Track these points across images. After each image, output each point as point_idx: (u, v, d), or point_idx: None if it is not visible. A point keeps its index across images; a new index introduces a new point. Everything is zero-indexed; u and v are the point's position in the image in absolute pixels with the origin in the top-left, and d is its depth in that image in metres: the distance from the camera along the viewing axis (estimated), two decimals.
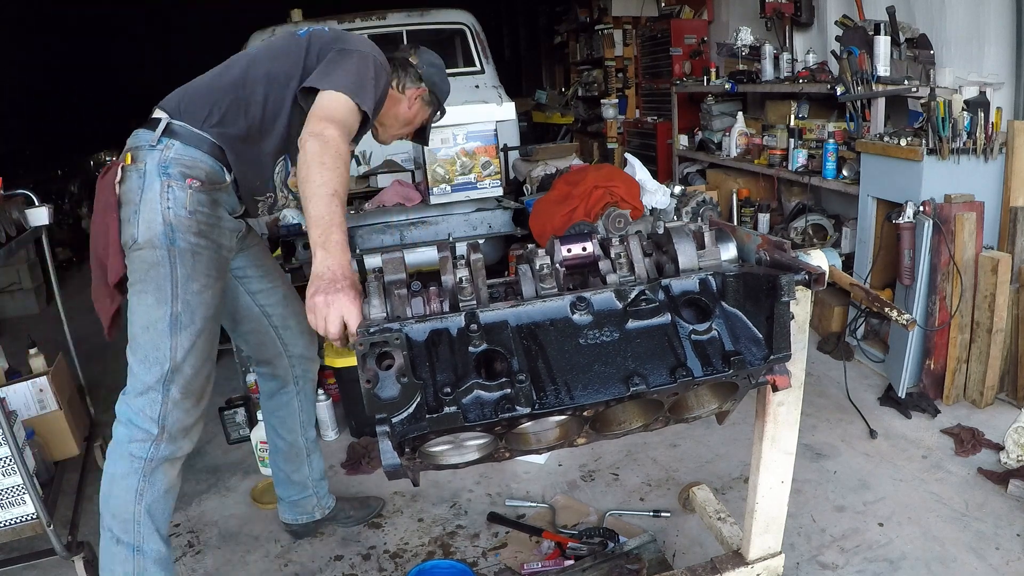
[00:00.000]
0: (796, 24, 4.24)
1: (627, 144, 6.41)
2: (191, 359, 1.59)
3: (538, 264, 1.21)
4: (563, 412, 1.11)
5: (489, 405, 1.06)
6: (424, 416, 1.05)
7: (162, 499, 1.62)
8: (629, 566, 1.84)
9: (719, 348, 1.15)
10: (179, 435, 1.61)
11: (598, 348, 1.12)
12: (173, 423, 1.59)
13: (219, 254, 1.64)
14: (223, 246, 1.66)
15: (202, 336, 1.61)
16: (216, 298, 1.64)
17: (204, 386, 1.66)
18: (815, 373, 3.04)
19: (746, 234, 1.33)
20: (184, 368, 1.59)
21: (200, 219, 1.58)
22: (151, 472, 1.58)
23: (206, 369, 1.65)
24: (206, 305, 1.60)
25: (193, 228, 1.56)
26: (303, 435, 2.13)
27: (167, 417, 1.58)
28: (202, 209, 1.58)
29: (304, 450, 2.14)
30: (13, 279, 4.88)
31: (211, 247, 1.61)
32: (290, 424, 2.11)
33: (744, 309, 1.18)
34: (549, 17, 9.20)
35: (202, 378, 1.64)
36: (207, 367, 1.65)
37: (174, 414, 1.59)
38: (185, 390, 1.59)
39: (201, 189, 1.57)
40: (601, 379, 1.10)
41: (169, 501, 1.65)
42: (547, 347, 1.12)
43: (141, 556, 1.58)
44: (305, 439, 2.13)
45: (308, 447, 2.15)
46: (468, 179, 3.10)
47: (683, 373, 1.10)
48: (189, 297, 1.57)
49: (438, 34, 4.78)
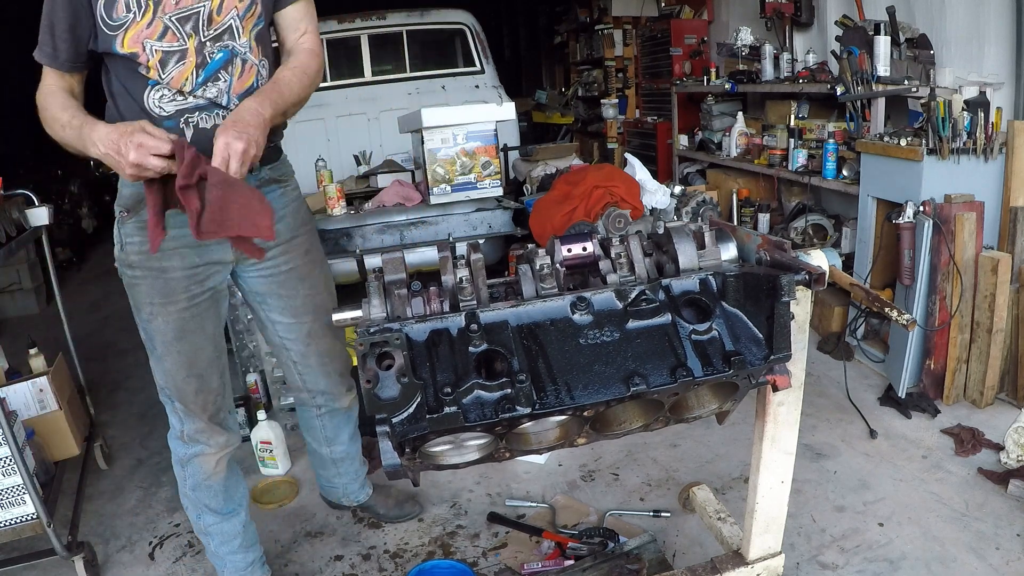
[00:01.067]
0: (796, 24, 4.23)
1: (627, 144, 6.41)
2: (170, 379, 1.67)
3: (538, 264, 1.21)
4: (563, 412, 1.11)
5: (489, 405, 1.06)
6: (424, 416, 1.05)
7: (203, 485, 1.79)
8: (629, 566, 1.84)
9: (719, 348, 1.15)
10: (196, 436, 1.73)
11: (598, 348, 1.12)
12: (186, 428, 1.73)
13: (162, 278, 1.60)
14: (168, 268, 1.60)
15: (168, 358, 1.65)
16: (171, 323, 1.62)
17: (197, 398, 1.68)
18: (815, 373, 3.04)
19: (746, 234, 1.33)
20: (167, 386, 1.69)
21: (131, 250, 1.59)
22: (186, 463, 1.77)
23: (192, 384, 1.67)
24: (160, 331, 1.63)
25: (125, 260, 1.60)
26: (327, 447, 2.13)
27: (181, 422, 1.73)
28: (131, 239, 1.58)
29: (329, 460, 2.16)
30: (13, 279, 4.88)
31: (149, 275, 1.59)
32: (314, 435, 2.13)
33: (744, 309, 1.18)
34: (549, 17, 9.19)
35: (190, 392, 1.67)
36: (192, 382, 1.67)
37: (184, 421, 1.72)
38: (181, 401, 1.69)
39: (128, 218, 1.58)
40: (601, 379, 1.10)
41: (214, 486, 1.80)
42: (547, 347, 1.12)
43: (200, 522, 1.86)
44: (330, 451, 2.14)
45: (334, 458, 2.16)
46: (468, 179, 3.10)
47: (683, 373, 1.10)
48: (144, 325, 1.65)
49: (438, 34, 4.78)
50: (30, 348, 2.58)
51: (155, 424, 3.09)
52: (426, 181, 3.11)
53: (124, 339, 4.30)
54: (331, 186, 3.37)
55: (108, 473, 2.70)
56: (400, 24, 4.52)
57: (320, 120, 4.40)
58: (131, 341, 4.20)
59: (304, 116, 4.35)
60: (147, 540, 2.29)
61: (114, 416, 3.20)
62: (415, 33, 4.61)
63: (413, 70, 4.60)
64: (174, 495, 2.52)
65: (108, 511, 2.46)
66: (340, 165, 4.18)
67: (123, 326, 4.56)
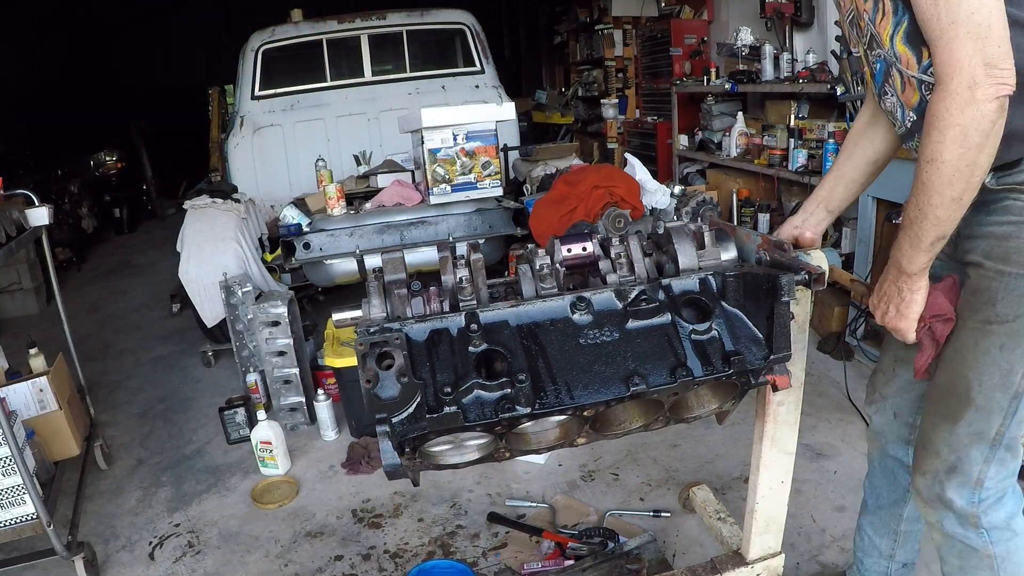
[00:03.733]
0: (796, 24, 4.24)
1: (627, 144, 6.41)
2: None
3: (538, 264, 1.21)
4: (563, 412, 1.11)
5: (489, 405, 1.06)
6: (424, 416, 1.05)
7: None
8: (629, 566, 1.84)
9: (719, 348, 1.15)
10: None
11: (598, 348, 1.12)
12: None
13: None
14: None
15: None
16: None
17: None
18: (815, 373, 3.04)
19: (746, 234, 1.33)
20: None
21: None
22: None
23: None
24: None
25: None
26: None
27: None
28: None
29: None
30: (13, 279, 4.88)
31: None
32: None
33: (744, 309, 1.18)
34: (549, 17, 9.19)
35: None
36: None
37: None
38: None
39: None
40: (601, 379, 1.09)
41: None
42: (547, 347, 1.12)
43: None
44: None
45: None
46: (468, 179, 3.10)
47: (683, 373, 1.10)
48: None
49: (438, 34, 4.79)
50: (30, 348, 2.58)
51: (155, 424, 3.10)
52: (426, 181, 3.11)
53: (124, 339, 4.30)
54: (331, 186, 3.38)
55: (108, 473, 2.71)
56: (400, 24, 4.53)
57: (320, 120, 4.40)
58: (131, 341, 4.22)
59: (304, 116, 4.40)
60: (147, 540, 2.29)
61: (114, 416, 3.20)
62: (415, 33, 4.62)
63: (413, 70, 4.60)
64: (174, 495, 2.53)
65: (108, 511, 2.46)
66: (340, 165, 4.19)
67: (123, 326, 4.57)
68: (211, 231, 3.18)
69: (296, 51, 4.40)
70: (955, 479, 1.25)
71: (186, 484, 2.60)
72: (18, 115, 7.21)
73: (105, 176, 8.24)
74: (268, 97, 4.34)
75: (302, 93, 4.41)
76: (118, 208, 7.81)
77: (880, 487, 1.61)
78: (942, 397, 1.27)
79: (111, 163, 8.39)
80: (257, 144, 4.27)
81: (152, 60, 10.21)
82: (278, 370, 2.87)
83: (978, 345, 1.19)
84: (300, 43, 4.38)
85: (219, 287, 3.02)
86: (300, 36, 4.37)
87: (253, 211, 3.55)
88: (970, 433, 1.22)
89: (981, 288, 1.19)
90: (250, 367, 3.06)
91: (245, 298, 2.99)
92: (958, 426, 1.23)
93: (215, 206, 3.32)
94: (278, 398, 2.91)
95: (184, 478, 2.63)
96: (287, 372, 2.87)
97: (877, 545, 1.66)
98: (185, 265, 3.14)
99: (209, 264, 3.10)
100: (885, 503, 1.61)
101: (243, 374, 3.07)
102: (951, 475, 1.26)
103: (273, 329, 2.81)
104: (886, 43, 1.15)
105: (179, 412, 3.20)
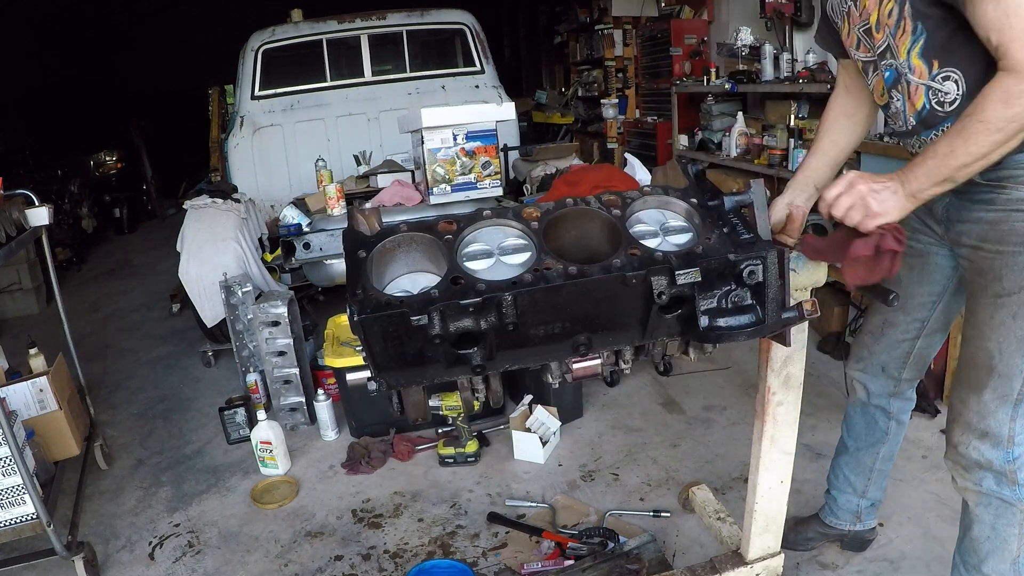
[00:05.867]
0: (796, 24, 4.23)
1: (627, 144, 6.41)
2: None
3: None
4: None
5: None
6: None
7: None
8: (629, 566, 1.84)
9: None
10: None
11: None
12: None
13: None
14: None
15: None
16: None
17: None
18: (815, 373, 3.04)
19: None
20: None
21: None
22: None
23: None
24: None
25: None
26: None
27: None
28: None
29: None
30: (13, 279, 4.88)
31: None
32: None
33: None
34: (549, 17, 9.20)
35: None
36: None
37: None
38: None
39: None
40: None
41: None
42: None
43: None
44: None
45: None
46: (468, 179, 3.10)
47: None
48: None
49: (438, 34, 4.79)
50: (30, 348, 2.58)
51: (155, 424, 3.10)
52: (426, 181, 3.11)
53: (124, 339, 4.30)
54: (331, 186, 3.38)
55: (108, 473, 2.71)
56: (400, 24, 4.53)
57: (320, 120, 4.40)
58: (131, 341, 4.22)
59: (304, 116, 4.40)
60: (147, 540, 2.29)
61: (114, 416, 3.20)
62: (415, 33, 4.61)
63: (413, 70, 4.60)
64: (174, 495, 2.53)
65: (108, 511, 2.46)
66: (340, 165, 4.18)
67: (123, 326, 4.57)
68: (211, 231, 3.18)
69: (296, 51, 4.40)
70: (988, 441, 1.38)
71: (186, 484, 2.60)
72: (18, 115, 7.23)
73: (105, 176, 8.25)
74: (268, 97, 4.33)
75: (302, 93, 4.41)
76: (118, 208, 7.81)
77: (860, 430, 1.82)
78: (967, 371, 1.41)
79: (111, 163, 8.40)
80: (257, 144, 4.27)
81: (152, 60, 10.22)
82: (278, 370, 2.87)
83: (993, 317, 1.33)
84: (300, 43, 4.38)
85: (219, 287, 3.02)
86: (300, 36, 4.37)
87: (253, 211, 3.55)
88: (995, 398, 1.35)
89: (985, 268, 1.34)
90: (250, 367, 3.06)
91: (245, 298, 2.99)
92: (984, 393, 1.37)
93: (215, 206, 3.32)
94: (278, 398, 2.91)
95: (184, 478, 2.63)
96: (287, 372, 2.87)
97: (852, 483, 1.87)
98: (185, 265, 3.14)
99: (209, 264, 3.10)
100: (864, 444, 1.82)
101: (243, 374, 3.07)
102: (984, 439, 1.38)
103: (273, 329, 2.81)
104: (902, 55, 1.31)
105: (179, 412, 3.20)
